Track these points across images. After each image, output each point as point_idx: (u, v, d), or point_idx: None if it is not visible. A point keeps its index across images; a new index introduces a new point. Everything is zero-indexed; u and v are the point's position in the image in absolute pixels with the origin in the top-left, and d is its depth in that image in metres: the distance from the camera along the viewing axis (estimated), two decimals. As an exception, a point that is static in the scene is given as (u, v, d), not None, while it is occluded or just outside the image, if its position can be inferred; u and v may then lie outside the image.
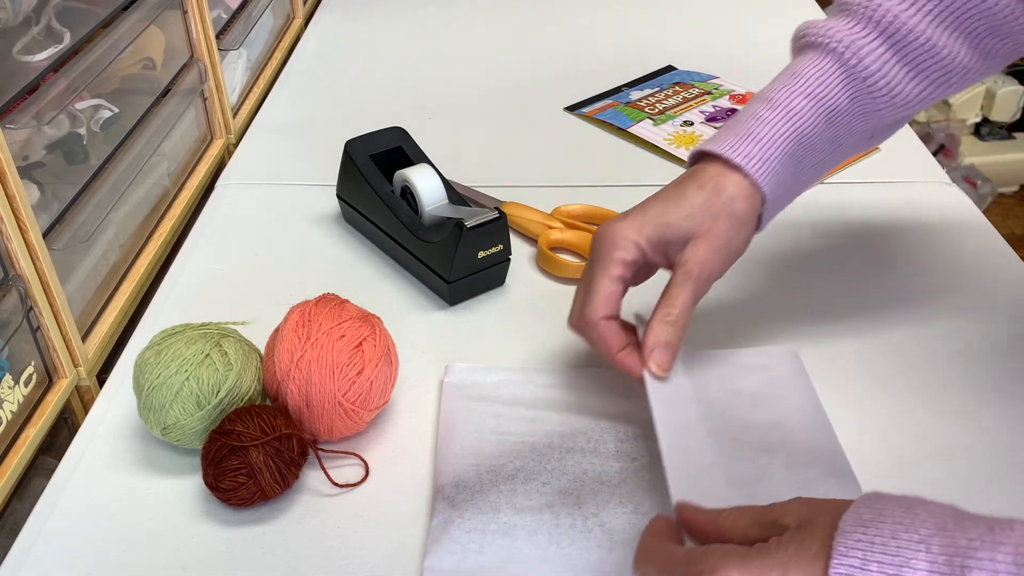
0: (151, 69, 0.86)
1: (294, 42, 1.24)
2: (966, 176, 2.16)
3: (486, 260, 0.72)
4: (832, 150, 0.61)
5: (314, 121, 1.02)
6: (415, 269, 0.76)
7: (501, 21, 1.26)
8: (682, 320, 0.58)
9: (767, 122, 0.59)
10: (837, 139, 0.60)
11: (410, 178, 0.75)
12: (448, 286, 0.72)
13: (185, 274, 0.78)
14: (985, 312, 0.72)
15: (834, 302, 0.73)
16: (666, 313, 0.57)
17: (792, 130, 0.58)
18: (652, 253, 0.58)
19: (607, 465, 0.57)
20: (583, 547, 0.52)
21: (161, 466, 0.59)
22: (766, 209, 0.59)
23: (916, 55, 0.58)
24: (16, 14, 0.65)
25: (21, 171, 0.61)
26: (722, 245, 0.58)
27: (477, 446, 0.59)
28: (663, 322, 0.58)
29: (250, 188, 0.90)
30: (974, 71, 0.60)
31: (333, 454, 0.59)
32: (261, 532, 0.55)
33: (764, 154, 0.58)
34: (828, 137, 0.60)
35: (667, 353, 0.57)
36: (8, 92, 0.62)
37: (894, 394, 0.64)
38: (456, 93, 1.08)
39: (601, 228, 0.59)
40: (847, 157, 0.64)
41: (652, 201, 0.59)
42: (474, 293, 0.74)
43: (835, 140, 0.60)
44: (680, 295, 0.57)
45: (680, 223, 0.58)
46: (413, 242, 0.74)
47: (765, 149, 0.58)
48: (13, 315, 0.62)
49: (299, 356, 0.57)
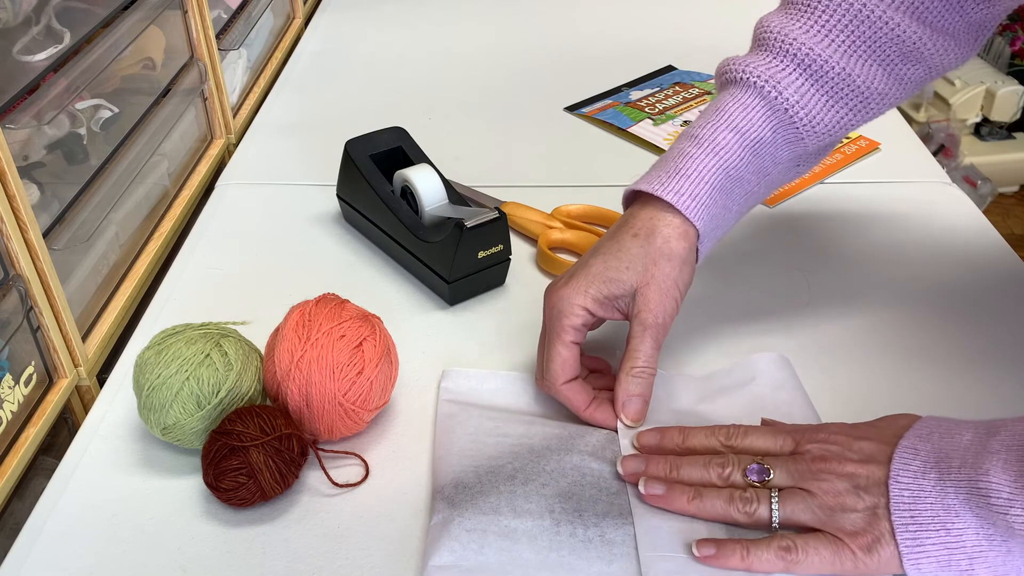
0: (151, 69, 0.87)
1: (294, 42, 1.25)
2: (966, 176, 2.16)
3: (486, 260, 0.72)
4: (760, 180, 0.63)
5: (314, 121, 1.02)
6: (415, 269, 0.76)
7: (501, 21, 1.26)
8: (649, 370, 0.60)
9: (694, 158, 0.61)
10: (764, 169, 0.62)
11: (410, 178, 0.75)
12: (448, 286, 0.72)
13: (185, 274, 0.78)
14: (985, 312, 0.72)
15: (833, 302, 0.73)
16: (631, 367, 0.60)
17: (719, 164, 0.60)
18: (602, 311, 0.61)
19: (604, 470, 0.57)
20: (583, 557, 0.52)
21: (161, 466, 0.59)
22: (701, 243, 0.61)
23: (833, 85, 0.61)
24: (16, 14, 0.65)
25: (21, 171, 0.61)
26: (668, 287, 0.60)
27: (475, 447, 0.59)
28: (630, 376, 0.60)
29: (250, 188, 0.90)
30: (891, 96, 0.63)
31: (333, 454, 0.59)
32: (261, 532, 0.55)
33: (693, 190, 0.60)
34: (755, 168, 0.62)
35: (638, 404, 0.60)
36: (8, 92, 0.62)
37: (894, 395, 0.64)
38: (456, 93, 1.08)
39: (549, 293, 0.62)
40: (777, 186, 0.66)
41: (593, 259, 0.61)
42: (474, 293, 0.74)
43: (762, 171, 0.62)
44: (641, 346, 0.60)
45: (622, 277, 0.60)
46: (413, 242, 0.74)
47: (694, 185, 0.60)
48: (13, 315, 0.62)
49: (299, 356, 0.57)
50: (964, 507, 0.48)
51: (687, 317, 0.72)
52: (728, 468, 0.54)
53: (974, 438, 0.50)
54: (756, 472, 0.53)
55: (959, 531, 0.48)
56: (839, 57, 0.60)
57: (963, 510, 0.48)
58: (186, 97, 0.91)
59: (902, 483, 0.50)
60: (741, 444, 0.56)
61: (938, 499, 0.48)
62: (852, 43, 0.60)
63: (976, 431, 0.50)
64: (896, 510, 0.49)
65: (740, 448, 0.56)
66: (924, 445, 0.51)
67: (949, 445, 0.50)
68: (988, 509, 0.47)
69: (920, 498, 0.49)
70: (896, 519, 0.49)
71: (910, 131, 0.98)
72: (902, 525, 0.49)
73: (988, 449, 0.48)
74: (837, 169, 0.90)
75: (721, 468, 0.54)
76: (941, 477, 0.49)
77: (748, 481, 0.53)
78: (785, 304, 0.73)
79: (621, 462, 0.56)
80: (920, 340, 0.69)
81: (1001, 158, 2.28)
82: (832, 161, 0.91)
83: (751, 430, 0.56)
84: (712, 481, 0.54)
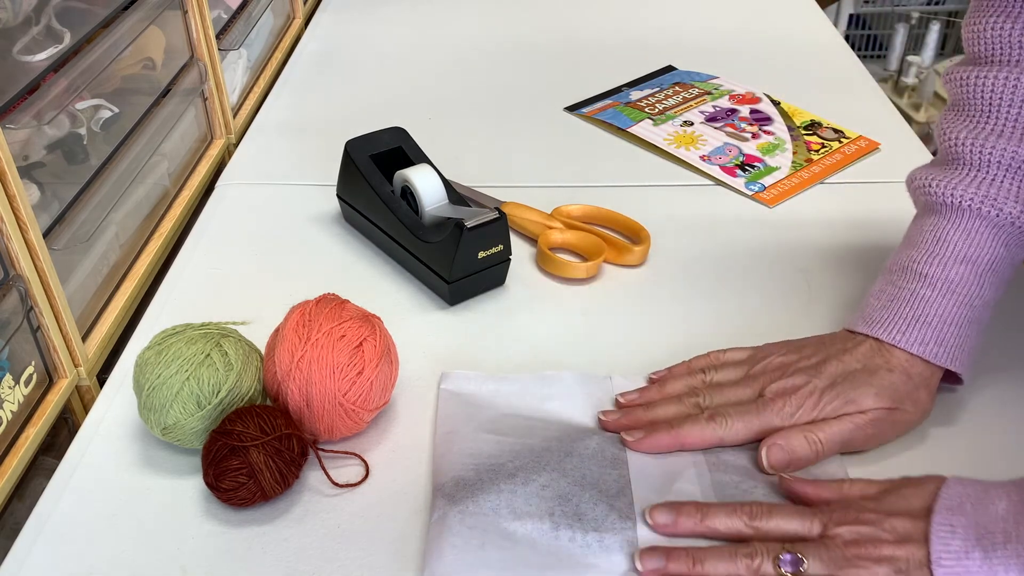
0: (151, 69, 0.87)
1: (294, 42, 1.25)
2: (966, 176, 2.15)
3: (486, 260, 0.72)
4: (1002, 285, 0.62)
5: (314, 121, 1.02)
6: (415, 269, 0.76)
7: (501, 21, 1.26)
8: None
9: (931, 303, 0.60)
10: (1003, 277, 0.62)
11: (410, 178, 0.75)
12: (448, 286, 0.72)
13: (185, 274, 0.78)
14: (985, 312, 0.72)
15: (833, 303, 0.73)
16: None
17: (958, 301, 0.60)
18: None
19: (605, 472, 0.57)
20: (582, 561, 0.52)
21: (161, 466, 0.59)
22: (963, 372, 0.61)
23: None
24: (16, 14, 0.65)
25: (21, 171, 0.61)
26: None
27: (476, 446, 0.59)
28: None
29: (250, 188, 0.90)
30: None
31: (333, 454, 0.59)
32: (261, 532, 0.55)
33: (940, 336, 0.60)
34: (996, 283, 0.61)
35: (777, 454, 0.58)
36: (8, 92, 0.62)
37: (894, 394, 0.64)
38: (456, 93, 1.08)
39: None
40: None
41: None
42: (474, 293, 0.74)
43: (1003, 279, 0.62)
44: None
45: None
46: (413, 242, 0.74)
47: (938, 331, 0.60)
48: (13, 315, 0.62)
49: (299, 356, 0.57)
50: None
51: (687, 317, 0.72)
52: (758, 559, 0.50)
53: (1009, 505, 0.47)
54: (791, 564, 0.49)
55: None
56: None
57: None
58: (186, 97, 0.91)
59: (946, 567, 0.46)
60: (767, 527, 0.52)
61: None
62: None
63: (1010, 497, 0.48)
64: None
65: (765, 531, 0.52)
66: (959, 520, 0.48)
67: (985, 517, 0.47)
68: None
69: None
70: None
71: (910, 131, 0.98)
72: None
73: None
74: (837, 169, 0.90)
75: (750, 560, 0.50)
76: (987, 555, 0.46)
77: (780, 572, 0.49)
78: (785, 304, 0.73)
79: (639, 557, 0.51)
80: (920, 340, 0.69)
81: (1001, 158, 2.27)
82: (832, 161, 0.91)
83: (775, 509, 0.53)
84: (741, 575, 0.50)
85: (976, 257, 0.60)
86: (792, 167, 0.91)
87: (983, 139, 0.60)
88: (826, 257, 0.79)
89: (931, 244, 0.61)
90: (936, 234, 0.61)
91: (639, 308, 0.73)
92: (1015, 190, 0.60)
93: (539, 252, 0.78)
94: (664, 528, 0.53)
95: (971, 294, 0.60)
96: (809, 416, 0.58)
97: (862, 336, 0.62)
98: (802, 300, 0.74)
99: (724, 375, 0.63)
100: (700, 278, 0.76)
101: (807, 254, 0.79)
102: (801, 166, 0.91)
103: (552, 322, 0.72)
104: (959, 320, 0.60)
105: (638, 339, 0.70)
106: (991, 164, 0.60)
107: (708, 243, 0.80)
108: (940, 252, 0.61)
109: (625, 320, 0.72)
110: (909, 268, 0.62)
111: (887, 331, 0.60)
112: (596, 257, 0.76)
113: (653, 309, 0.73)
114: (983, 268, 0.60)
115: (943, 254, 0.61)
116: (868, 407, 0.58)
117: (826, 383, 0.59)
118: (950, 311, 0.60)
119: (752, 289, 0.75)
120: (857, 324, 0.62)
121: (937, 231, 0.61)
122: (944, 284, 0.60)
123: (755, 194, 0.87)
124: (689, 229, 0.82)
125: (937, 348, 0.59)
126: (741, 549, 0.51)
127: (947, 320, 0.60)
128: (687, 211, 0.84)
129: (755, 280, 0.76)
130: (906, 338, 0.60)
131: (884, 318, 0.61)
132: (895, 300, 0.62)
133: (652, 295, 0.75)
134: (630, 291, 0.75)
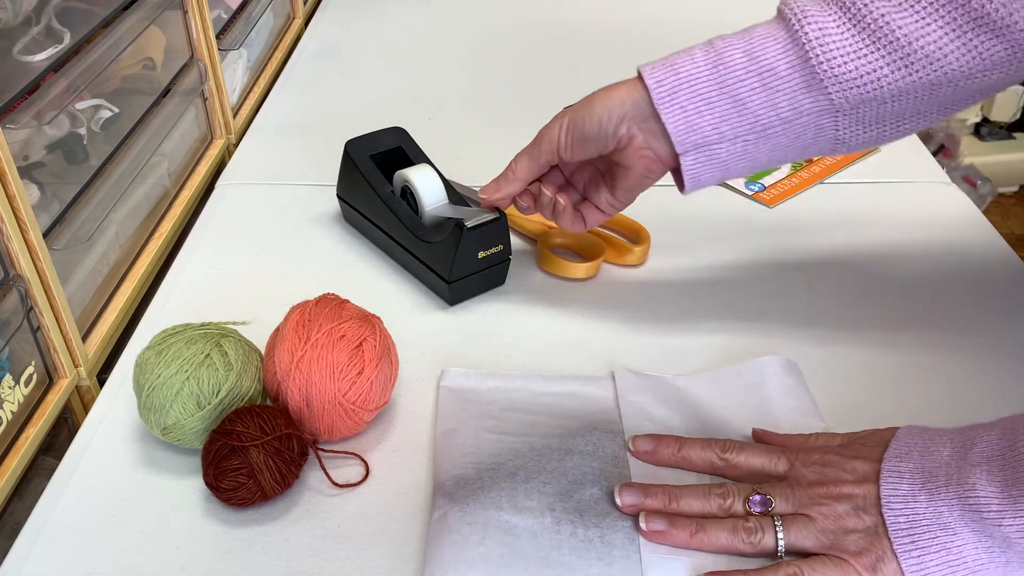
0: (151, 69, 0.86)
1: (294, 42, 1.24)
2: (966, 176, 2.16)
3: (486, 260, 0.72)
4: (778, 121, 0.58)
5: (314, 121, 1.02)
6: (415, 269, 0.76)
7: (501, 21, 1.26)
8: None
9: (695, 61, 0.59)
10: (779, 110, 0.57)
11: (410, 178, 0.75)
12: (448, 286, 0.72)
13: (185, 274, 0.78)
14: (985, 312, 0.72)
15: (833, 303, 0.73)
16: None
17: (716, 77, 0.58)
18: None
19: (607, 470, 0.57)
20: (584, 557, 0.52)
21: (161, 466, 0.59)
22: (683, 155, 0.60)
23: (871, 31, 0.55)
24: (16, 14, 0.65)
25: (21, 171, 0.61)
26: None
27: (476, 445, 0.59)
28: None
29: (250, 188, 0.90)
30: (949, 63, 0.54)
31: (333, 454, 0.59)
32: (261, 532, 0.55)
33: (674, 86, 0.59)
34: (767, 103, 0.57)
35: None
36: (8, 92, 0.62)
37: (894, 395, 0.64)
38: (456, 93, 1.08)
39: None
40: (811, 150, 0.60)
41: None
42: (474, 293, 0.74)
43: (776, 109, 0.57)
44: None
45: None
46: (413, 242, 0.74)
47: (680, 82, 0.59)
48: (13, 315, 0.62)
49: (299, 356, 0.57)
50: (960, 523, 0.48)
51: (687, 317, 0.72)
52: (729, 499, 0.54)
53: (953, 452, 0.50)
54: (759, 504, 0.53)
55: (959, 548, 0.48)
56: (889, 6, 0.54)
57: (959, 526, 0.48)
58: (186, 97, 0.91)
59: (895, 508, 0.50)
60: (736, 459, 0.56)
61: (934, 518, 0.48)
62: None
63: (953, 444, 0.50)
64: (895, 535, 0.49)
65: (735, 463, 0.56)
66: (906, 465, 0.51)
67: (930, 462, 0.50)
68: (982, 523, 0.47)
69: (916, 521, 0.49)
70: (896, 543, 0.49)
71: (910, 131, 0.98)
72: (903, 550, 0.49)
73: (969, 462, 0.49)
74: (837, 169, 0.91)
75: (722, 499, 0.54)
76: (931, 497, 0.49)
77: (748, 510, 0.53)
78: (785, 304, 0.73)
79: (619, 492, 0.54)
80: (920, 340, 0.69)
81: (1001, 158, 2.28)
82: (832, 161, 0.91)
83: (746, 446, 0.56)
84: (713, 512, 0.53)
85: (759, 56, 0.57)
86: (792, 167, 0.91)
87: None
88: (826, 257, 0.79)
89: (739, 33, 0.59)
90: (748, 28, 0.59)
91: (639, 308, 0.73)
92: (829, 22, 0.55)
93: (539, 252, 0.78)
94: (644, 455, 0.58)
95: (728, 80, 0.58)
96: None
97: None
98: (801, 300, 0.74)
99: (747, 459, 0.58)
100: (700, 278, 0.76)
101: (807, 254, 0.79)
102: (801, 166, 0.91)
103: (552, 322, 0.72)
104: (703, 90, 0.58)
105: (638, 339, 0.70)
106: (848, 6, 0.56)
107: (708, 243, 0.80)
108: (736, 38, 0.59)
109: (625, 320, 0.72)
110: (707, 41, 0.60)
111: (649, 68, 0.60)
112: (596, 257, 0.76)
113: (653, 309, 0.73)
114: (757, 68, 0.57)
115: (736, 40, 0.59)
116: None
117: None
118: (702, 77, 0.58)
119: (752, 289, 0.75)
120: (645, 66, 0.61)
121: (751, 27, 0.60)
122: (715, 56, 0.58)
123: (755, 194, 0.87)
124: (689, 229, 0.82)
125: (666, 95, 0.58)
126: (715, 489, 0.54)
127: (693, 83, 0.58)
128: (687, 211, 0.84)
129: (755, 280, 0.76)
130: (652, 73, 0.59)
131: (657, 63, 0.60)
132: (676, 52, 0.61)
133: (652, 295, 0.75)
134: (630, 291, 0.75)
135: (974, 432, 0.51)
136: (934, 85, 0.55)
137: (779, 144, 0.60)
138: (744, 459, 0.56)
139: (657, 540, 0.53)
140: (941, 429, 0.53)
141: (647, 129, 0.61)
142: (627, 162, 0.62)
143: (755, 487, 0.54)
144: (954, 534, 0.48)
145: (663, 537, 0.52)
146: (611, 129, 0.61)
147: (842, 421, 0.60)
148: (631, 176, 0.63)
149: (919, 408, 0.63)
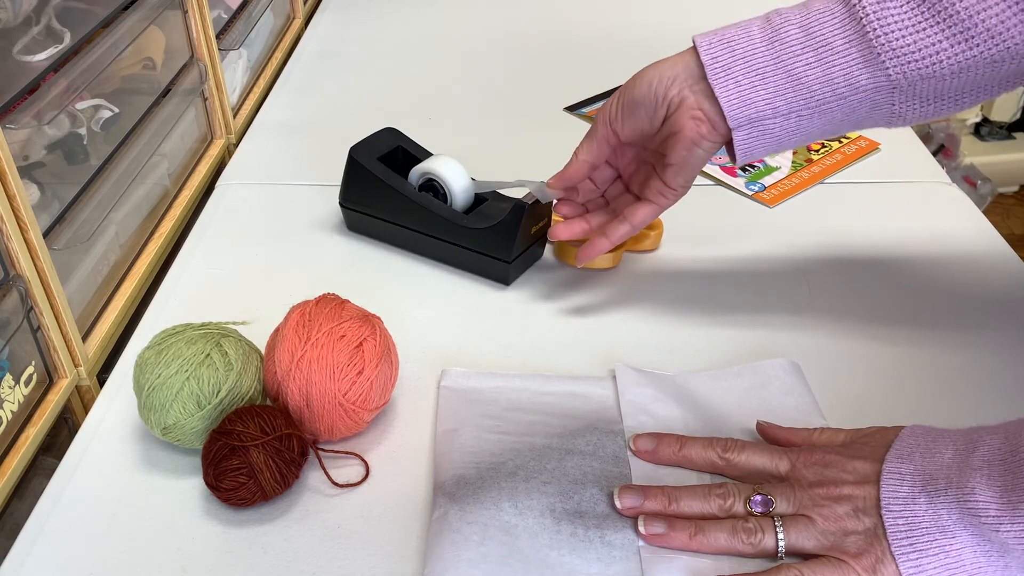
0: (151, 69, 0.86)
1: (294, 42, 1.25)
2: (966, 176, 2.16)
3: (536, 234, 0.75)
4: (834, 97, 0.58)
5: (314, 121, 1.02)
6: (459, 259, 0.76)
7: (500, 21, 1.26)
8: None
9: (752, 38, 0.58)
10: (835, 86, 0.57)
11: (435, 169, 0.74)
12: (508, 266, 0.73)
13: (185, 274, 0.78)
14: (985, 312, 0.72)
15: (833, 303, 0.73)
16: None
17: (773, 53, 0.58)
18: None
19: (607, 470, 0.57)
20: (583, 557, 0.52)
21: (161, 466, 0.59)
22: (736, 130, 0.59)
23: (932, 4, 0.53)
24: (16, 14, 0.65)
25: (21, 171, 0.61)
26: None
27: (476, 444, 0.59)
28: None
29: (250, 188, 0.90)
30: (1012, 39, 0.53)
31: (333, 454, 0.59)
32: (261, 532, 0.55)
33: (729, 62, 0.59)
34: (823, 78, 0.57)
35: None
36: (8, 92, 0.62)
37: (894, 395, 0.64)
38: (456, 93, 1.08)
39: None
40: (867, 122, 0.60)
41: None
42: (524, 269, 0.76)
43: (832, 85, 0.57)
44: None
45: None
46: (457, 232, 0.74)
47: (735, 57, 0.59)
48: (13, 315, 0.62)
49: (299, 356, 0.57)
50: (958, 526, 0.48)
51: (687, 317, 0.72)
52: (730, 500, 0.53)
53: (955, 455, 0.50)
54: (761, 504, 0.53)
55: (957, 551, 0.48)
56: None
57: (958, 529, 0.48)
58: (186, 97, 0.91)
59: (895, 510, 0.50)
60: (737, 459, 0.56)
61: (933, 521, 0.48)
62: None
63: (956, 447, 0.50)
64: (894, 537, 0.49)
65: (736, 463, 0.56)
66: (908, 467, 0.51)
67: (932, 464, 0.50)
68: (981, 527, 0.47)
69: (915, 524, 0.49)
70: (895, 546, 0.49)
71: (910, 131, 0.98)
72: (902, 552, 0.49)
73: (970, 466, 0.48)
74: (837, 169, 0.91)
75: (722, 500, 0.53)
76: (931, 499, 0.49)
77: (749, 511, 0.53)
78: (785, 304, 0.73)
79: (618, 495, 0.54)
80: (920, 340, 0.69)
81: (1001, 158, 2.28)
82: (832, 161, 0.91)
83: (747, 446, 0.56)
84: (713, 513, 0.53)
85: (815, 31, 0.56)
86: (792, 167, 0.91)
87: None
88: (826, 257, 0.79)
89: (796, 7, 0.59)
90: (809, 2, 0.58)
91: (639, 308, 0.73)
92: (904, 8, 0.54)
93: (559, 246, 0.78)
94: (645, 454, 0.58)
95: (784, 57, 0.57)
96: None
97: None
98: (802, 300, 0.74)
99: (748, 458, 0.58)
100: (700, 278, 0.76)
101: (807, 254, 0.79)
102: (801, 166, 0.91)
103: (552, 322, 0.72)
104: (760, 66, 0.58)
105: (638, 339, 0.70)
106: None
107: (708, 243, 0.80)
108: (792, 14, 0.58)
109: (625, 320, 0.72)
110: (764, 15, 0.60)
111: (705, 41, 0.60)
112: (618, 246, 0.76)
113: (653, 309, 0.73)
114: (814, 43, 0.56)
115: (793, 15, 0.58)
116: None
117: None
118: (758, 54, 0.58)
119: (752, 289, 0.75)
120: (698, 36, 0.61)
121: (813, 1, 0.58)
122: (773, 32, 0.58)
123: (755, 194, 0.87)
124: (689, 229, 0.82)
125: (721, 70, 0.58)
126: (715, 490, 0.54)
127: (748, 59, 0.58)
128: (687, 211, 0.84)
129: (755, 280, 0.76)
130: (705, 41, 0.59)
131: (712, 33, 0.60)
132: (735, 25, 0.60)
133: (652, 295, 0.75)
134: (629, 292, 0.75)
135: (977, 435, 0.50)
136: (996, 61, 0.54)
137: (833, 119, 0.59)
138: (745, 459, 0.56)
139: (657, 543, 0.52)
140: (945, 430, 0.52)
141: (699, 91, 0.60)
142: (676, 126, 0.61)
143: (756, 487, 0.54)
144: (953, 537, 0.48)
145: (662, 540, 0.52)
146: (662, 91, 0.61)
147: (843, 420, 0.60)
148: (680, 144, 0.61)
149: (919, 408, 0.63)
